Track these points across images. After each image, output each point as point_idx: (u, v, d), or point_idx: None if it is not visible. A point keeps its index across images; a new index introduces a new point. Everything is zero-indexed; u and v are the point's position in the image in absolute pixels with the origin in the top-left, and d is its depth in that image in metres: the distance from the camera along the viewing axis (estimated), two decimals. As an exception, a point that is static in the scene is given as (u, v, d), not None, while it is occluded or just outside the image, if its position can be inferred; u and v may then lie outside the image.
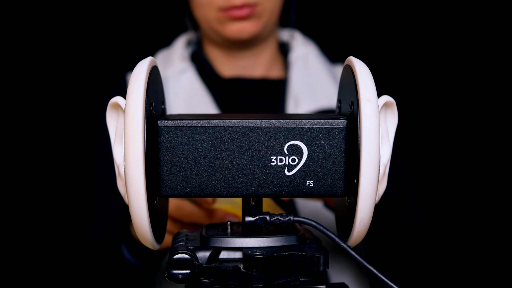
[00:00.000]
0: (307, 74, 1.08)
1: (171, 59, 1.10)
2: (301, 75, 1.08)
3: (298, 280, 0.56)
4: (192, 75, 1.07)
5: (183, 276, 0.54)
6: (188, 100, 1.05)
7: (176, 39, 1.14)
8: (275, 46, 1.11)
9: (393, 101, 0.58)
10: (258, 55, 1.08)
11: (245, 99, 1.07)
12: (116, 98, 0.57)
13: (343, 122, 0.55)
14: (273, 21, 1.05)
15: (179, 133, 0.55)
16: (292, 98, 1.06)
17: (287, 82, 1.08)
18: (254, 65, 1.09)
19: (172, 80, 1.06)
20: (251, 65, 1.08)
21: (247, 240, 0.57)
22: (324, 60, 1.12)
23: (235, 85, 1.08)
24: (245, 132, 0.55)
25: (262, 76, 1.09)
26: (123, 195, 0.58)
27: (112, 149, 0.58)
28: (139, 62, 0.56)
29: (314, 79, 1.08)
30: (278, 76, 1.11)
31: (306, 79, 1.08)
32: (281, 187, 0.55)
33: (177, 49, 1.11)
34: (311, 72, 1.09)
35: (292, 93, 1.06)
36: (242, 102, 1.07)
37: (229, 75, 1.09)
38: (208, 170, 0.55)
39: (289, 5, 1.12)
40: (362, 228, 0.54)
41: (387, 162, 0.57)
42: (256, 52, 1.08)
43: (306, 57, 1.10)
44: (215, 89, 1.07)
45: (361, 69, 0.55)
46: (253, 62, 1.08)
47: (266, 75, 1.10)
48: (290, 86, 1.07)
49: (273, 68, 1.11)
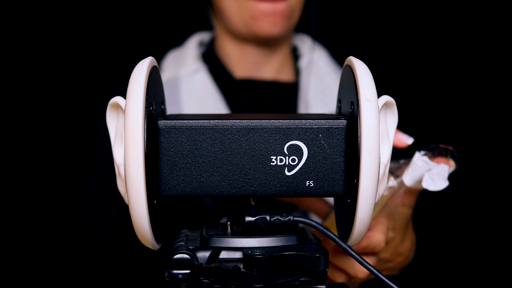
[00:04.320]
0: (318, 80, 1.10)
1: (183, 59, 1.10)
2: (312, 80, 1.09)
3: (298, 280, 0.56)
4: (205, 76, 1.08)
5: (183, 276, 0.54)
6: (201, 100, 1.06)
7: (188, 39, 1.14)
8: (288, 48, 1.12)
9: (393, 101, 0.58)
10: (272, 54, 1.09)
11: (257, 100, 1.08)
12: (116, 98, 0.58)
13: (343, 122, 0.55)
14: (297, 19, 1.06)
15: (179, 133, 0.55)
16: (303, 102, 1.07)
17: (298, 86, 1.10)
18: (266, 64, 1.10)
19: (185, 80, 1.07)
20: (263, 64, 1.09)
21: (247, 240, 0.57)
22: (334, 65, 1.13)
23: (247, 86, 1.08)
24: (245, 132, 0.55)
25: (273, 78, 1.10)
26: (123, 195, 0.58)
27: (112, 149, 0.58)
28: (139, 62, 0.56)
29: (325, 84, 1.10)
30: (288, 79, 1.12)
31: (317, 84, 1.09)
32: (281, 187, 0.55)
33: (189, 49, 1.11)
34: (321, 78, 1.10)
35: (303, 97, 1.07)
36: (254, 103, 1.08)
37: (240, 75, 1.09)
38: (208, 170, 0.55)
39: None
40: (362, 228, 0.54)
41: (387, 162, 0.58)
42: (270, 51, 1.09)
43: (317, 62, 1.11)
44: (227, 90, 1.08)
45: (361, 69, 0.55)
46: (266, 61, 1.09)
47: (276, 78, 1.11)
48: (301, 91, 1.08)
49: (283, 71, 1.12)
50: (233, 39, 1.08)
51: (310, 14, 1.13)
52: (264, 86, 1.10)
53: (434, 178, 0.70)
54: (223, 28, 1.09)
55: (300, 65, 1.12)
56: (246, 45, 1.08)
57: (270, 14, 1.00)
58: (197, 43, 1.13)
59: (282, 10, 1.00)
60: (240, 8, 1.01)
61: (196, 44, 1.12)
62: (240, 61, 1.09)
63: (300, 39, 1.16)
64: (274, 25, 1.01)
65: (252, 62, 1.09)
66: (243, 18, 1.01)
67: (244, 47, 1.08)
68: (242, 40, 1.07)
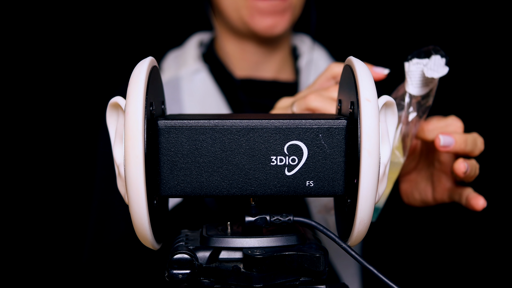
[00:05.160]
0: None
1: (184, 59, 1.10)
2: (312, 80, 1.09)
3: (298, 280, 0.56)
4: (206, 76, 1.08)
5: (183, 276, 0.54)
6: (202, 100, 1.06)
7: (188, 39, 1.14)
8: (287, 48, 1.12)
9: (393, 101, 0.58)
10: (272, 53, 1.09)
11: (257, 99, 1.08)
12: (116, 98, 0.58)
13: (343, 122, 0.55)
14: (298, 17, 1.06)
15: (179, 133, 0.55)
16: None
17: (298, 86, 1.10)
18: (266, 63, 1.10)
19: (186, 80, 1.07)
20: (263, 63, 1.09)
21: (247, 240, 0.57)
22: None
23: (247, 86, 1.09)
24: (245, 132, 0.55)
25: (273, 78, 1.10)
26: (123, 195, 0.58)
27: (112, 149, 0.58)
28: (139, 62, 0.56)
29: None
30: (288, 79, 1.12)
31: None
32: (281, 187, 0.55)
33: (189, 49, 1.12)
34: None
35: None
36: (254, 102, 1.08)
37: (241, 75, 1.09)
38: (208, 170, 0.55)
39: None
40: (362, 228, 0.54)
41: (387, 162, 0.58)
42: (270, 50, 1.09)
43: (317, 62, 1.11)
44: (227, 90, 1.08)
45: (361, 69, 0.55)
46: (266, 60, 1.09)
47: (276, 77, 1.11)
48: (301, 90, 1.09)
49: (283, 71, 1.12)
50: (233, 38, 1.08)
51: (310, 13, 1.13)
52: (264, 85, 1.10)
53: (433, 67, 0.71)
54: (223, 27, 1.09)
55: (300, 64, 1.12)
56: (246, 43, 1.08)
57: (269, 12, 1.00)
58: (197, 43, 1.13)
59: (281, 8, 1.00)
60: (239, 6, 1.01)
61: (196, 44, 1.13)
62: (240, 60, 1.09)
63: (300, 39, 1.16)
64: (273, 23, 1.01)
65: (252, 61, 1.09)
66: (242, 16, 1.02)
67: (244, 45, 1.08)
68: (242, 38, 1.07)
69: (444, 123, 0.75)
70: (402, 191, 0.82)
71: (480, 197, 0.74)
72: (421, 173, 0.80)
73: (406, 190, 0.82)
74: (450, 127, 0.74)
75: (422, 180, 0.80)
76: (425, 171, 0.80)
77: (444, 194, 0.78)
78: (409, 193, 0.81)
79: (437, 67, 0.70)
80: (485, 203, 0.73)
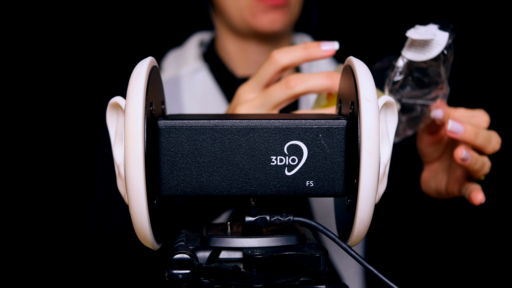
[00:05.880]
0: None
1: (184, 58, 1.10)
2: None
3: (298, 280, 0.56)
4: (206, 75, 1.08)
5: (183, 276, 0.54)
6: (202, 99, 1.06)
7: (188, 39, 1.15)
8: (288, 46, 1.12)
9: (393, 101, 0.58)
10: None
11: None
12: (116, 98, 0.58)
13: (343, 122, 0.55)
14: (297, 15, 1.06)
15: (179, 133, 0.55)
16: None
17: None
18: None
19: (186, 79, 1.07)
20: None
21: (247, 240, 0.57)
22: (334, 64, 1.13)
23: None
24: (245, 132, 0.55)
25: None
26: (123, 195, 0.58)
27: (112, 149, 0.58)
28: (139, 62, 0.56)
29: None
30: None
31: None
32: (281, 187, 0.55)
33: (190, 48, 1.12)
34: None
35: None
36: None
37: (242, 74, 1.09)
38: (208, 170, 0.55)
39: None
40: (362, 228, 0.54)
41: (387, 162, 0.58)
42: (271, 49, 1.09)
43: (318, 62, 1.11)
44: (228, 89, 1.08)
45: (361, 69, 0.55)
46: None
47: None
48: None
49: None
50: (234, 37, 1.08)
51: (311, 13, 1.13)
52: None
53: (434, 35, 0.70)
54: (224, 26, 1.09)
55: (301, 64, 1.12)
56: (247, 42, 1.08)
57: (269, 10, 1.00)
58: (197, 42, 1.13)
59: (281, 6, 1.01)
60: (240, 5, 1.01)
61: (196, 43, 1.13)
62: (241, 59, 1.10)
63: (300, 39, 1.16)
64: (274, 21, 1.01)
65: (254, 60, 1.09)
66: (243, 15, 1.02)
67: (245, 45, 1.08)
68: (243, 37, 1.07)
69: (471, 113, 0.76)
70: (422, 178, 0.85)
71: (480, 192, 0.74)
72: (443, 164, 0.82)
73: (425, 178, 0.85)
74: (475, 119, 0.76)
75: (441, 170, 0.82)
76: (446, 162, 0.82)
77: (455, 187, 0.80)
78: (427, 181, 0.84)
79: (439, 37, 0.70)
80: (483, 199, 0.74)
